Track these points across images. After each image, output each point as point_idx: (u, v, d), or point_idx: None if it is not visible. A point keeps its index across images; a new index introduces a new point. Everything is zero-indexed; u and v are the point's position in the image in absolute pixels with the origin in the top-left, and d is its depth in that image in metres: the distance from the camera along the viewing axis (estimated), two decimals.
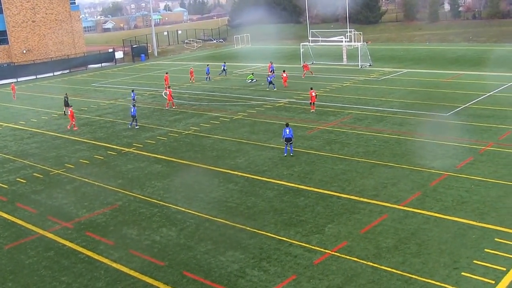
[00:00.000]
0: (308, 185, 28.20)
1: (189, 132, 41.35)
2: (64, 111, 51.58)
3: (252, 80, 62.53)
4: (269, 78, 56.13)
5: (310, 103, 44.72)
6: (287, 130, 33.22)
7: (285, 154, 33.48)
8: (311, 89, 45.11)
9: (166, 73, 63.28)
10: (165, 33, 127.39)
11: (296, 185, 28.32)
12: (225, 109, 48.72)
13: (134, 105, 45.49)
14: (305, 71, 63.88)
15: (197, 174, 31.39)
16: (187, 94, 58.00)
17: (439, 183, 27.08)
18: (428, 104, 45.02)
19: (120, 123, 46.33)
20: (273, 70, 62.31)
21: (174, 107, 50.82)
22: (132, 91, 54.29)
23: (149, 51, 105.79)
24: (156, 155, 35.83)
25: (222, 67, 69.56)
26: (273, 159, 33.12)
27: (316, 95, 44.54)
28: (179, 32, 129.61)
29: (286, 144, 33.54)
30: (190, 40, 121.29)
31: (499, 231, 21.68)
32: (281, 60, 76.63)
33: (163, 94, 58.68)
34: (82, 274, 20.91)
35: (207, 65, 65.98)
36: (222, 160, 33.63)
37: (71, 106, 48.93)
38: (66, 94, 53.81)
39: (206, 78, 64.81)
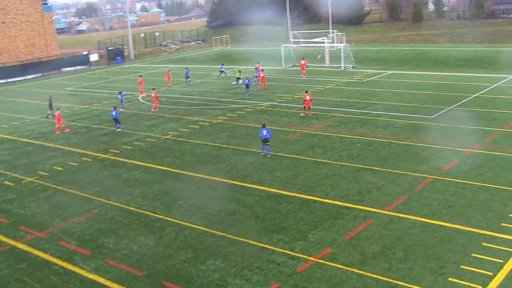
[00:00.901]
0: (290, 191, 28.26)
1: (167, 137, 41.24)
2: (48, 115, 51.64)
3: (238, 79, 62.61)
4: (247, 81, 55.82)
5: (304, 107, 43.97)
6: (264, 131, 34.17)
7: (262, 153, 34.69)
8: (306, 92, 44.72)
9: (140, 76, 62.92)
10: (142, 35, 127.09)
11: (278, 191, 28.36)
12: (205, 113, 48.67)
13: (115, 108, 45.54)
14: (303, 70, 64.95)
15: (176, 181, 31.31)
16: (164, 97, 57.79)
17: (424, 187, 27.29)
18: (412, 106, 45.37)
19: (96, 128, 46.07)
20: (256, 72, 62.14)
21: (155, 110, 50.78)
22: (120, 93, 54.07)
23: (125, 54, 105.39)
24: (133, 161, 35.67)
25: (220, 68, 69.00)
26: (254, 164, 33.14)
27: (311, 99, 43.98)
28: (156, 33, 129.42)
29: (263, 145, 34.55)
30: (167, 42, 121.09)
31: (486, 235, 21.89)
32: (263, 62, 76.48)
33: (139, 98, 58.44)
34: (56, 287, 20.71)
35: (186, 68, 65.83)
36: (202, 166, 33.57)
37: (58, 108, 48.72)
38: (50, 97, 53.88)
39: (186, 81, 64.56)
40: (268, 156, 34.18)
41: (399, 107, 45.26)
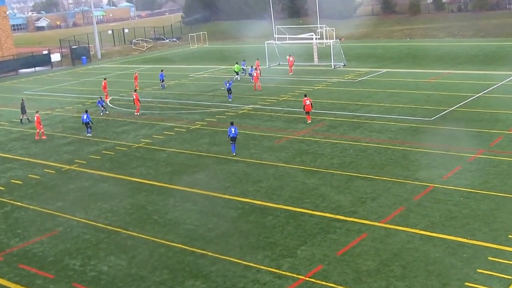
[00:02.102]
0: (276, 203, 28.35)
1: (139, 145, 41.19)
2: (21, 119, 51.77)
3: (238, 73, 62.95)
4: (229, 84, 55.40)
5: (306, 112, 43.14)
6: (233, 129, 36.10)
7: (233, 152, 36.63)
8: (305, 96, 43.84)
9: (104, 79, 62.62)
10: (110, 31, 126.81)
11: (263, 203, 28.44)
12: (181, 118, 48.68)
13: (86, 111, 45.72)
14: (290, 66, 65.58)
15: (150, 193, 31.27)
16: None
17: (424, 197, 27.50)
18: (410, 107, 45.73)
19: (59, 136, 45.91)
20: (250, 72, 62.01)
21: (138, 114, 51.07)
22: (100, 98, 53.76)
23: (91, 53, 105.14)
24: (102, 173, 35.59)
25: (242, 65, 68.70)
26: (237, 173, 33.21)
27: (311, 104, 43.22)
28: (126, 30, 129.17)
29: (232, 143, 36.47)
30: (138, 40, 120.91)
31: (492, 249, 22.08)
32: (245, 62, 76.70)
33: (108, 102, 58.32)
34: None
35: (161, 70, 65.46)
36: (179, 176, 33.58)
37: (38, 111, 48.57)
38: (22, 99, 53.75)
39: (161, 85, 64.04)
40: (234, 154, 36.44)
41: (395, 109, 45.58)
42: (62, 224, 28.01)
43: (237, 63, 66.99)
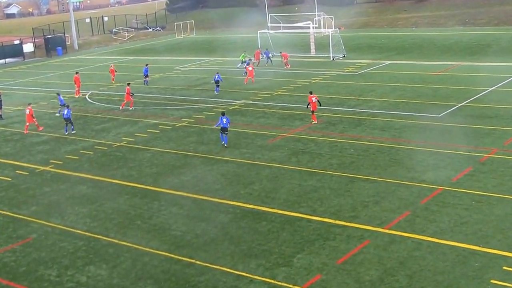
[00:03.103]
0: (271, 207, 28.35)
1: (121, 143, 41.13)
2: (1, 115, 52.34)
3: (244, 62, 63.17)
4: (217, 76, 55.41)
5: (312, 111, 42.37)
6: (224, 119, 37.78)
7: (224, 143, 38.22)
8: (311, 93, 43.10)
9: (76, 72, 62.26)
10: (87, 20, 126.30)
11: (257, 207, 28.44)
12: (166, 114, 48.64)
13: (67, 106, 45.82)
14: (285, 60, 65.43)
15: (133, 196, 31.23)
16: (117, 96, 57.64)
17: (432, 200, 27.56)
18: (416, 103, 45.82)
19: (32, 134, 45.78)
20: (247, 63, 61.94)
21: (131, 108, 51.32)
22: (58, 94, 53.29)
23: (67, 43, 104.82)
24: (80, 174, 35.51)
25: (266, 55, 68.74)
26: (227, 175, 33.21)
27: (318, 101, 42.50)
28: (105, 18, 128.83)
29: (222, 133, 38.18)
30: (119, 29, 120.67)
31: (507, 258, 22.11)
32: (235, 53, 76.81)
33: (87, 97, 58.18)
34: None
35: (146, 64, 64.68)
36: (164, 178, 33.55)
37: (30, 104, 48.79)
38: None
39: (144, 81, 63.44)
40: (225, 145, 38.00)
41: (399, 105, 45.67)
42: (36, 231, 27.92)
43: (244, 52, 67.79)
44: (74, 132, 44.85)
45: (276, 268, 22.61)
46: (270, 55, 68.25)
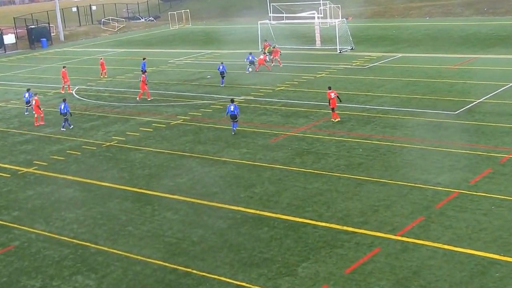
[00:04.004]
0: (273, 211, 28.33)
1: (111, 143, 41.12)
2: None
3: (265, 54, 64.02)
4: (221, 68, 55.54)
5: (331, 109, 42.05)
6: (232, 107, 40.02)
7: (233, 133, 40.46)
8: (329, 89, 42.62)
9: (64, 67, 62.19)
10: (74, 9, 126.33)
11: (258, 212, 28.43)
12: (160, 111, 48.64)
13: (64, 100, 46.04)
14: (274, 57, 64.30)
15: (124, 200, 31.20)
16: (107, 92, 57.64)
17: (447, 204, 27.53)
18: (430, 99, 45.79)
19: (14, 133, 45.80)
20: (251, 60, 61.72)
21: (149, 99, 52.58)
22: (28, 90, 53.13)
23: (52, 34, 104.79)
24: (66, 176, 35.50)
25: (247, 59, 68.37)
26: (226, 177, 33.20)
27: (338, 97, 42.07)
28: (94, 8, 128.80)
29: (232, 121, 40.53)
30: (109, 19, 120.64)
31: None
32: (234, 45, 76.86)
33: (73, 92, 58.20)
34: None
35: (143, 58, 63.88)
36: (157, 180, 33.55)
37: (36, 94, 49.49)
38: None
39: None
40: (233, 133, 40.37)
41: (412, 101, 45.65)
42: (19, 238, 27.91)
43: (266, 40, 68.01)
44: (72, 127, 45.34)
45: (279, 278, 22.60)
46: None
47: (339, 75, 56.94)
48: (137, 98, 52.82)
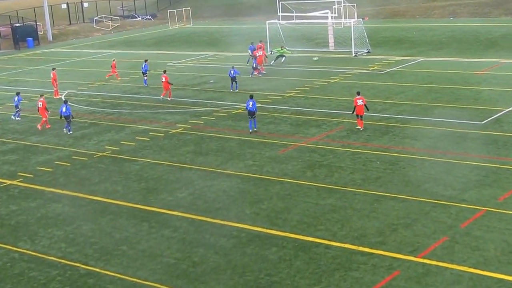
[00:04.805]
0: (282, 230, 28.31)
1: (104, 153, 41.17)
2: None
3: (279, 57, 64.39)
4: (232, 73, 55.45)
5: (357, 116, 42.30)
6: (250, 103, 42.32)
7: (250, 131, 42.71)
8: (358, 94, 42.80)
9: (53, 69, 62.33)
10: (64, 6, 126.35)
11: (265, 230, 28.41)
12: (158, 119, 48.70)
13: (65, 102, 46.61)
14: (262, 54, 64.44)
15: (117, 217, 31.20)
16: (100, 97, 57.73)
17: (474, 224, 27.47)
18: (454, 107, 45.77)
19: None
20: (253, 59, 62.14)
21: (169, 99, 54.09)
22: (17, 94, 53.29)
23: (39, 33, 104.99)
24: (54, 190, 35.52)
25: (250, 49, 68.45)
26: (230, 191, 33.19)
27: (365, 105, 42.13)
28: (85, 5, 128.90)
29: (250, 118, 42.73)
30: (102, 17, 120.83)
31: None
32: (240, 47, 76.93)
33: (62, 97, 58.32)
34: None
35: (145, 60, 63.73)
36: (155, 195, 33.56)
37: (42, 95, 50.06)
38: None
39: (144, 80, 62.78)
40: (252, 130, 42.63)
41: (434, 109, 45.62)
42: (1, 258, 27.88)
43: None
44: (71, 133, 45.82)
45: None
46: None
47: (355, 81, 56.95)
48: (168, 98, 54.25)
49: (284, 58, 65.20)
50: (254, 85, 57.41)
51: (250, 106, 42.31)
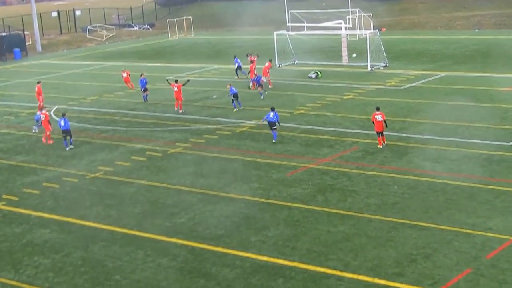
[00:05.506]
0: (290, 259, 28.25)
1: (96, 174, 41.20)
2: None
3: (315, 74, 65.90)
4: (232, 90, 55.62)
5: (377, 133, 42.71)
6: (271, 113, 44.71)
7: (274, 139, 45.06)
8: (377, 110, 43.14)
9: (38, 82, 62.50)
10: (54, 14, 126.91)
11: (272, 259, 28.35)
12: (155, 137, 48.76)
13: (63, 115, 47.01)
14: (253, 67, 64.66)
15: (111, 244, 31.16)
16: (92, 112, 57.81)
17: (501, 255, 27.38)
18: (479, 127, 45.78)
19: None
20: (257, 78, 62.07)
21: (178, 109, 55.62)
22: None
23: (27, 44, 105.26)
24: (41, 214, 35.51)
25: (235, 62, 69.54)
26: (233, 217, 33.16)
27: (385, 121, 42.45)
28: (78, 12, 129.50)
29: (271, 129, 45.08)
30: (95, 26, 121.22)
31: None
32: (245, 60, 76.97)
33: (52, 113, 58.43)
34: None
35: (141, 75, 63.34)
36: (152, 220, 33.54)
37: (45, 107, 50.57)
38: None
39: (143, 96, 62.67)
40: (273, 141, 44.66)
41: (457, 129, 45.63)
42: None
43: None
44: (72, 147, 46.37)
45: None
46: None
47: (370, 97, 56.98)
48: (175, 108, 55.93)
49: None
50: (261, 101, 57.39)
51: (271, 116, 44.57)
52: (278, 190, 36.40)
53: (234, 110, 54.55)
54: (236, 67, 68.91)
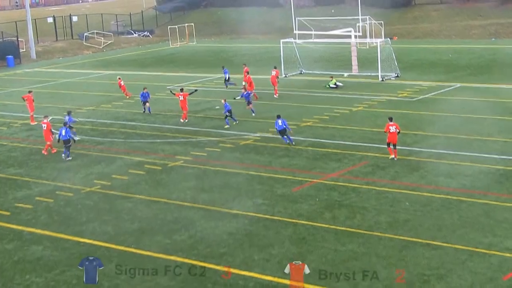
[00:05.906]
0: (296, 279, 28.19)
1: (92, 188, 41.17)
2: None
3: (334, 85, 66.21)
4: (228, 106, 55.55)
5: (388, 144, 42.95)
6: (279, 121, 45.98)
7: (291, 143, 46.91)
8: (390, 120, 43.03)
9: (29, 91, 62.54)
10: (50, 20, 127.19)
11: (276, 279, 28.28)
12: (155, 149, 48.79)
13: (65, 124, 47.44)
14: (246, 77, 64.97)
15: (107, 262, 30.99)
16: (89, 123, 57.84)
17: None
18: (496, 141, 45.77)
19: None
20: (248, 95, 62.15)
21: (185, 120, 56.16)
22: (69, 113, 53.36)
23: (21, 51, 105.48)
24: (34, 230, 35.47)
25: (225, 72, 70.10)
26: (236, 234, 33.12)
27: (399, 132, 42.62)
28: (74, 18, 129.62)
29: (282, 137, 46.89)
30: (93, 33, 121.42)
31: None
32: (250, 67, 77.04)
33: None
34: None
35: (144, 88, 62.72)
36: (150, 237, 33.49)
37: (46, 116, 50.27)
38: None
39: (148, 108, 62.24)
40: (293, 144, 46.63)
41: (473, 143, 45.62)
42: None
43: (332, 78, 67.90)
44: (70, 158, 46.47)
45: None
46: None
47: (381, 109, 56.98)
48: (181, 120, 56.37)
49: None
50: (265, 112, 57.32)
51: (280, 124, 46.01)
52: (283, 206, 36.35)
53: (226, 126, 53.66)
54: (225, 78, 69.36)
